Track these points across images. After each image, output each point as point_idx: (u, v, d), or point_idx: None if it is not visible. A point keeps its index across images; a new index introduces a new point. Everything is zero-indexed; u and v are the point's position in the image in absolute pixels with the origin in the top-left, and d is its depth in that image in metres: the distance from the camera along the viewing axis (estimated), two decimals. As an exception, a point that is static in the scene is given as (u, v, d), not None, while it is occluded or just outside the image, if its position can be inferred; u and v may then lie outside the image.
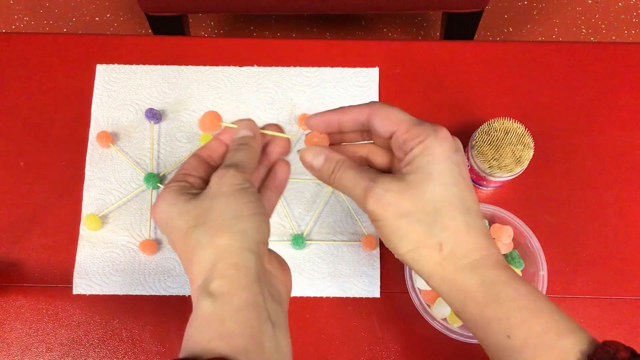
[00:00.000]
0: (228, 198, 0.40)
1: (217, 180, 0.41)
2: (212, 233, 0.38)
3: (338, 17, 1.51)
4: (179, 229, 0.40)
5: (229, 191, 0.40)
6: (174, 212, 0.40)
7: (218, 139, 0.46)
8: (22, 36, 0.75)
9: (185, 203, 0.40)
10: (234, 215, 0.39)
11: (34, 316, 0.65)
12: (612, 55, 0.73)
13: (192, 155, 0.44)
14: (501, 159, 0.63)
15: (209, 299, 0.36)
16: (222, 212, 0.39)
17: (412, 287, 0.61)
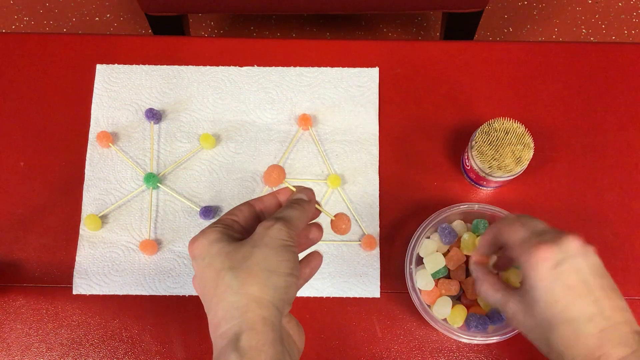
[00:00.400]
0: (268, 250, 0.41)
1: (263, 230, 0.42)
2: (244, 280, 0.40)
3: (338, 17, 1.51)
4: (213, 267, 0.41)
5: (271, 244, 0.42)
6: (213, 251, 0.42)
7: (274, 196, 0.48)
8: (22, 36, 0.75)
9: (226, 245, 0.42)
10: (270, 268, 0.41)
11: (34, 316, 0.65)
12: (612, 55, 0.73)
13: (245, 204, 0.47)
14: (501, 159, 0.63)
15: (236, 354, 0.38)
16: (259, 262, 0.41)
17: (412, 287, 0.61)
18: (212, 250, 0.42)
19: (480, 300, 0.62)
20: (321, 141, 0.70)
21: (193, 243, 0.43)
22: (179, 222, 0.68)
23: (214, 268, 0.41)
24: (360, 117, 0.71)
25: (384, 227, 0.68)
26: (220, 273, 0.40)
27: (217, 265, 0.41)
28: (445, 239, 0.62)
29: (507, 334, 0.59)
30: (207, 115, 0.71)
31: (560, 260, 0.45)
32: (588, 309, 0.45)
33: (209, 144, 0.69)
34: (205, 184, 0.69)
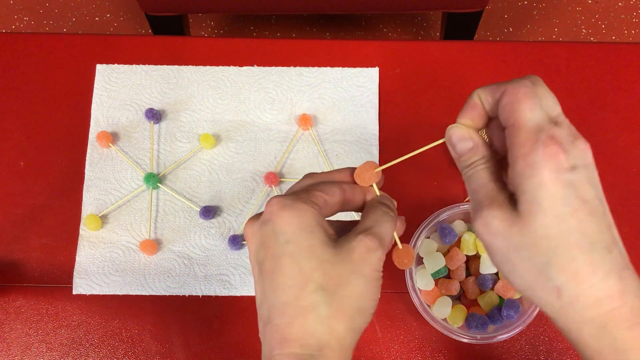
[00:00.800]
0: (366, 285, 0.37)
1: (365, 252, 0.37)
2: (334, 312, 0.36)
3: (338, 17, 1.51)
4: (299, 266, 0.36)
5: (369, 276, 0.37)
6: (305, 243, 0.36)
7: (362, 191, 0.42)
8: (22, 36, 0.75)
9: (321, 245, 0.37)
10: (361, 307, 0.37)
11: (34, 316, 0.65)
12: (612, 55, 0.73)
13: (337, 186, 0.40)
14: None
15: None
16: (355, 297, 0.37)
17: (412, 287, 0.61)
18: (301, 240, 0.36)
19: (481, 300, 0.62)
20: (321, 141, 0.70)
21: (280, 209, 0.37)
22: (179, 222, 0.68)
23: (300, 268, 0.36)
24: (360, 117, 0.71)
25: (384, 227, 0.68)
26: (308, 284, 0.36)
27: (304, 267, 0.36)
28: (445, 239, 0.62)
29: (507, 333, 0.59)
30: (207, 115, 0.71)
31: (574, 165, 0.33)
32: (605, 234, 0.33)
33: (209, 144, 0.69)
34: (205, 184, 0.69)
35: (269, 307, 0.37)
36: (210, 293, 0.66)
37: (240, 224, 0.67)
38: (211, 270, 0.66)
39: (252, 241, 0.39)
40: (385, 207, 0.40)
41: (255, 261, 0.38)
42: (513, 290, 0.62)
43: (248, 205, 0.68)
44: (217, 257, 0.66)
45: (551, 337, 0.65)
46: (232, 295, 0.65)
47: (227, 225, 0.67)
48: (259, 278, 0.38)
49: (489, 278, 0.62)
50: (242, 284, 0.65)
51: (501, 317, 0.61)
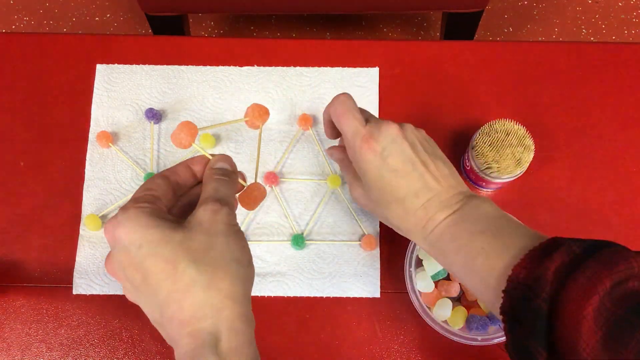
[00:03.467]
0: (227, 239, 0.39)
1: (212, 215, 0.39)
2: (213, 274, 0.37)
3: (338, 17, 1.51)
4: (161, 258, 0.37)
5: (226, 231, 0.39)
6: (156, 237, 0.37)
7: (187, 166, 0.44)
8: (22, 36, 0.75)
9: (170, 231, 0.37)
10: (235, 259, 0.38)
11: (34, 316, 0.65)
12: (612, 55, 0.73)
13: (160, 176, 0.42)
14: (501, 161, 0.63)
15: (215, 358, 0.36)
16: (224, 253, 0.38)
17: (412, 289, 0.61)
18: (151, 237, 0.37)
19: (481, 302, 0.62)
20: (321, 141, 0.70)
21: (117, 227, 0.38)
22: (179, 222, 0.68)
23: (163, 258, 0.36)
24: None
25: (384, 227, 0.68)
26: (178, 265, 0.36)
27: (167, 255, 0.37)
28: (445, 239, 0.62)
29: (507, 334, 0.59)
30: (207, 115, 0.71)
31: (384, 148, 0.49)
32: (413, 185, 0.49)
33: (209, 144, 0.69)
34: (205, 184, 0.69)
35: (158, 309, 0.38)
36: (210, 293, 0.65)
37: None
38: (211, 271, 0.66)
39: (117, 272, 0.40)
40: (218, 173, 0.42)
41: (130, 286, 0.39)
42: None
43: (248, 205, 0.68)
44: (217, 257, 0.66)
45: (551, 337, 0.65)
46: (232, 295, 0.65)
47: (227, 226, 0.67)
48: (139, 296, 0.39)
49: (489, 278, 0.62)
50: (242, 284, 0.65)
51: (501, 317, 0.61)
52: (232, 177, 0.43)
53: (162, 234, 0.37)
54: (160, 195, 0.40)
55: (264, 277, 0.66)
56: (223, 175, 0.42)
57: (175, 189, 0.42)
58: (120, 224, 0.38)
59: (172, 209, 0.43)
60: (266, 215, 0.68)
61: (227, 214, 0.39)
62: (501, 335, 0.59)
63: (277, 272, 0.66)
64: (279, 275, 0.66)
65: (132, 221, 0.37)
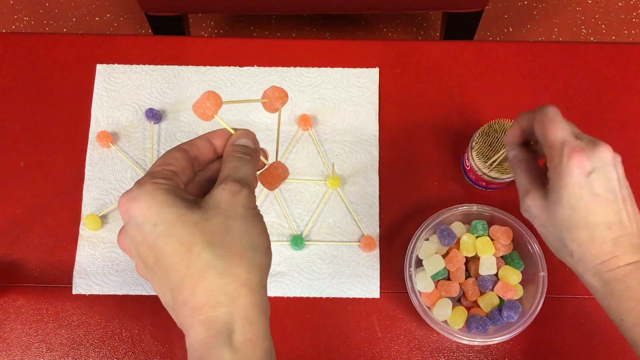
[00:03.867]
0: (245, 223, 0.37)
1: (230, 196, 0.37)
2: (229, 259, 0.35)
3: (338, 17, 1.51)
4: (175, 239, 0.35)
5: (245, 215, 0.37)
6: (169, 217, 0.35)
7: (208, 139, 0.41)
8: (22, 36, 0.75)
9: (187, 210, 0.35)
10: (253, 245, 0.36)
11: (34, 316, 0.65)
12: (612, 55, 0.73)
13: (178, 150, 0.39)
14: (501, 161, 0.63)
15: (230, 350, 0.34)
16: (241, 238, 0.36)
17: (412, 289, 0.61)
18: (167, 216, 0.35)
19: (481, 302, 0.62)
20: (321, 141, 0.70)
21: (132, 202, 0.35)
22: (179, 222, 0.68)
23: (178, 240, 0.35)
24: (360, 117, 0.71)
25: (384, 228, 0.68)
26: (193, 248, 0.34)
27: (182, 236, 0.35)
28: (444, 240, 0.62)
29: (507, 334, 0.59)
30: (207, 116, 0.71)
31: (594, 169, 0.47)
32: (609, 217, 0.47)
33: (210, 143, 0.69)
34: (205, 184, 0.69)
35: (170, 292, 0.36)
36: (210, 293, 0.65)
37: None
38: (211, 271, 0.66)
39: (129, 249, 0.38)
40: (239, 151, 0.40)
41: (143, 264, 0.37)
42: (513, 290, 0.62)
43: (248, 205, 0.68)
44: (217, 257, 0.66)
45: (551, 337, 0.65)
46: (232, 295, 0.65)
47: (227, 226, 0.67)
48: (151, 276, 0.37)
49: (488, 279, 0.62)
50: (242, 284, 0.65)
51: (501, 318, 0.61)
52: (253, 156, 0.40)
53: (178, 213, 0.35)
54: (178, 171, 0.38)
55: (264, 277, 0.66)
56: (244, 153, 0.40)
57: (194, 163, 0.40)
58: (135, 199, 0.35)
59: (190, 185, 0.40)
60: (265, 215, 0.68)
61: (247, 196, 0.37)
62: (501, 335, 0.59)
63: (276, 272, 0.66)
64: (278, 276, 0.66)
65: (148, 197, 0.35)
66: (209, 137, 0.41)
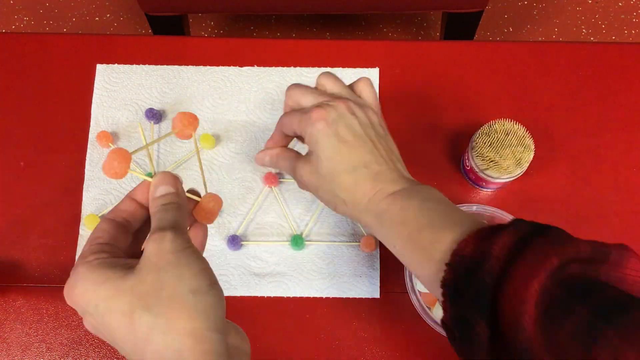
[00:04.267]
0: (178, 270, 0.35)
1: (156, 246, 0.36)
2: (169, 314, 0.34)
3: (338, 17, 1.51)
4: (119, 312, 0.34)
5: (175, 260, 0.35)
6: (109, 292, 0.35)
7: (131, 199, 0.41)
8: (22, 36, 0.75)
9: (121, 280, 0.35)
10: (191, 289, 0.35)
11: (34, 316, 0.65)
12: (612, 55, 0.73)
13: (104, 221, 0.39)
14: (501, 161, 0.63)
15: None
16: (176, 287, 0.35)
17: (412, 289, 0.61)
18: (104, 293, 0.35)
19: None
20: (321, 141, 0.70)
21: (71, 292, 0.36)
22: (179, 222, 0.68)
23: (120, 312, 0.34)
24: (360, 117, 0.71)
25: (384, 228, 0.68)
26: (134, 315, 0.34)
27: (122, 307, 0.34)
28: (445, 239, 0.62)
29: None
30: (207, 115, 0.71)
31: (335, 118, 0.50)
32: (364, 157, 0.50)
33: (209, 144, 0.69)
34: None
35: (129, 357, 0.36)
36: (210, 293, 0.65)
37: (239, 225, 0.67)
38: (211, 271, 0.66)
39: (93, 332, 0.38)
40: (160, 203, 0.39)
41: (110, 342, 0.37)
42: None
43: (248, 205, 0.68)
44: (216, 257, 0.66)
45: (551, 337, 0.65)
46: (232, 295, 0.65)
47: (227, 226, 0.67)
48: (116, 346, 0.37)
49: (488, 278, 0.62)
50: (241, 284, 0.65)
51: (501, 317, 0.61)
52: (177, 200, 0.39)
53: (114, 285, 0.35)
54: (109, 240, 0.38)
55: (264, 278, 0.66)
56: (165, 203, 0.39)
57: (126, 226, 0.40)
58: (73, 287, 0.36)
59: (134, 247, 0.41)
60: (266, 215, 0.68)
61: (172, 240, 0.36)
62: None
63: (276, 272, 0.66)
64: (278, 276, 0.66)
65: (83, 282, 0.36)
66: (130, 196, 0.41)
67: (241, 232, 0.67)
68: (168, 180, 0.40)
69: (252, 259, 0.66)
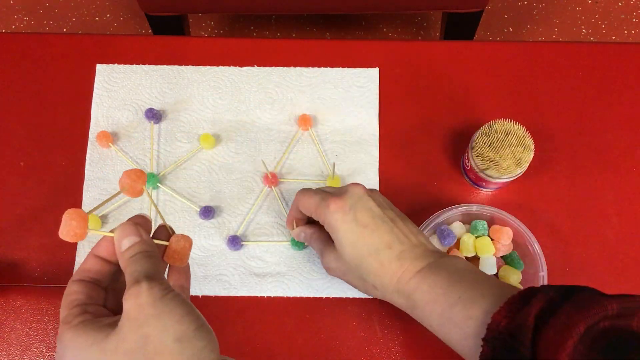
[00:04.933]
0: (161, 320, 0.34)
1: (133, 301, 0.35)
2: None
3: (338, 17, 1.51)
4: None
5: (156, 312, 0.35)
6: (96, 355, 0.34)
7: (96, 257, 0.40)
8: (22, 36, 0.75)
9: (106, 341, 0.35)
10: (176, 338, 0.34)
11: (34, 316, 0.65)
12: (612, 55, 0.73)
13: (72, 283, 0.39)
14: (501, 161, 0.63)
15: None
16: (162, 340, 0.34)
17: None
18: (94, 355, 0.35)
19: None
20: (321, 141, 0.70)
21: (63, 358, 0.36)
22: (179, 222, 0.68)
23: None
24: (360, 117, 0.71)
25: (384, 228, 0.68)
26: None
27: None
28: (444, 240, 0.62)
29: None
30: (207, 115, 0.71)
31: (351, 205, 0.52)
32: (385, 238, 0.51)
33: (209, 144, 0.69)
34: (205, 184, 0.69)
35: None
36: (210, 293, 0.66)
37: (239, 225, 0.67)
38: (210, 271, 0.66)
39: None
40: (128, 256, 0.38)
41: None
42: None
43: (248, 205, 0.68)
44: (216, 257, 0.66)
45: (551, 337, 0.65)
46: (232, 295, 0.65)
47: (227, 226, 0.67)
48: None
49: (488, 278, 0.62)
50: (241, 285, 0.65)
51: (501, 317, 0.61)
52: (144, 249, 0.38)
53: (99, 348, 0.35)
54: (85, 299, 0.38)
55: (264, 278, 0.66)
56: (133, 254, 0.38)
57: (96, 284, 0.39)
58: (62, 357, 0.36)
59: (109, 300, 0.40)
60: (266, 215, 0.68)
61: (148, 290, 0.35)
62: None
63: (276, 272, 0.66)
64: (278, 276, 0.66)
65: (72, 349, 0.35)
66: (94, 253, 0.40)
67: (241, 232, 0.67)
68: (129, 231, 0.39)
69: (252, 259, 0.66)
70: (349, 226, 0.52)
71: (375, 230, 0.52)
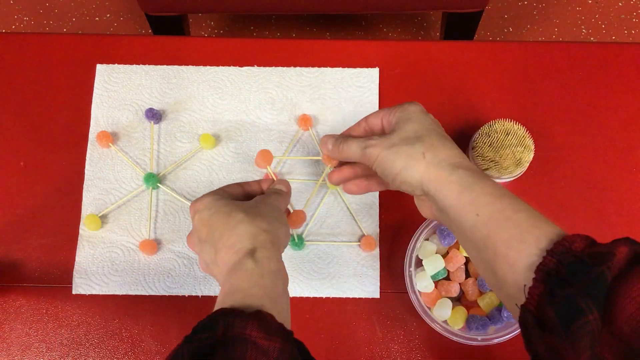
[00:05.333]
0: (271, 207, 0.53)
1: (262, 197, 0.55)
2: (254, 217, 0.50)
3: (338, 17, 1.51)
4: (222, 213, 0.50)
5: (271, 205, 0.54)
6: (219, 204, 0.51)
7: (259, 183, 0.59)
8: (22, 36, 0.75)
9: (229, 200, 0.52)
10: (274, 218, 0.52)
11: (34, 316, 0.65)
12: (612, 55, 0.73)
13: (237, 184, 0.57)
14: (501, 161, 0.63)
15: (252, 260, 0.47)
16: (267, 211, 0.52)
17: (412, 289, 0.61)
18: (218, 203, 0.51)
19: (481, 302, 0.62)
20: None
21: (198, 200, 0.52)
22: (179, 222, 0.68)
23: (224, 213, 0.50)
24: (360, 117, 0.71)
25: (384, 228, 0.68)
26: (231, 214, 0.49)
27: (226, 211, 0.50)
28: (444, 240, 0.62)
29: (508, 335, 0.59)
30: (207, 115, 0.71)
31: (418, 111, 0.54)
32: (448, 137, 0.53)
33: (209, 144, 0.69)
34: (205, 184, 0.69)
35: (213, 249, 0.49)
36: (210, 293, 0.66)
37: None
38: (211, 271, 0.66)
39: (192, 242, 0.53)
40: (274, 191, 0.57)
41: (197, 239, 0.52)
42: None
43: (248, 205, 0.68)
44: (217, 257, 0.66)
45: (551, 337, 0.65)
46: (232, 295, 0.65)
47: (227, 226, 0.67)
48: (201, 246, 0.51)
49: (488, 278, 0.62)
50: (242, 284, 0.65)
51: (502, 318, 0.61)
52: (283, 195, 0.57)
53: (225, 201, 0.52)
54: (232, 192, 0.55)
55: (264, 277, 0.66)
56: (277, 191, 0.57)
57: (246, 192, 0.57)
58: (199, 200, 0.52)
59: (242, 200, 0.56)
60: (266, 215, 0.68)
61: (275, 198, 0.55)
62: (501, 335, 0.59)
63: (277, 272, 0.66)
64: (278, 275, 0.66)
65: (207, 197, 0.52)
66: (259, 182, 0.59)
67: (241, 232, 0.67)
68: (284, 184, 0.58)
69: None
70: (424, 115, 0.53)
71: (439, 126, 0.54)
